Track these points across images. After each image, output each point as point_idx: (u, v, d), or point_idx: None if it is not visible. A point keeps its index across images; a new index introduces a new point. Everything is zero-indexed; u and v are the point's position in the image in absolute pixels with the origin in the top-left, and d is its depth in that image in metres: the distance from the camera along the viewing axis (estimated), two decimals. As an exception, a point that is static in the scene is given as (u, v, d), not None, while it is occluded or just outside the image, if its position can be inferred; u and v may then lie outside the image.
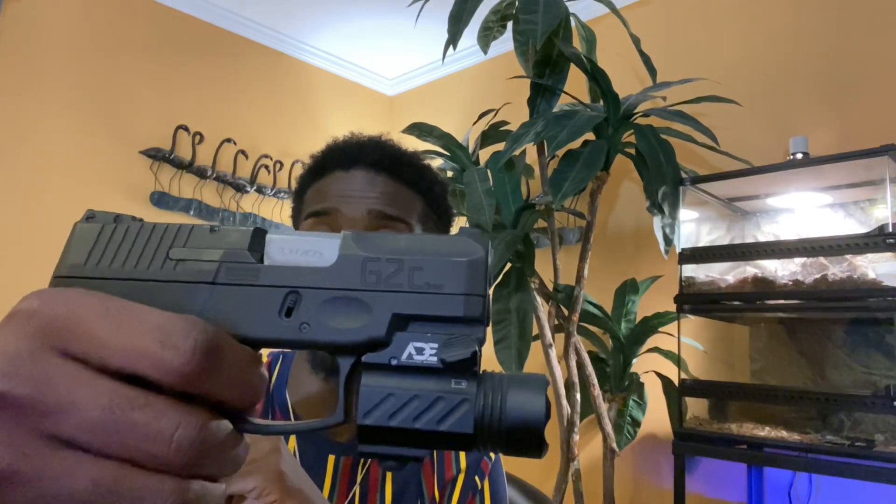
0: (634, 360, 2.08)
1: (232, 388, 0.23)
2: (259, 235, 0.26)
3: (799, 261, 1.71)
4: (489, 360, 2.03)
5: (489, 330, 1.94)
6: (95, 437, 0.21)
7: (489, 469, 0.81)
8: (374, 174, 0.74)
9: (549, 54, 1.87)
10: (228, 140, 2.76)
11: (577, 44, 2.07)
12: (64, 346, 0.21)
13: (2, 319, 0.22)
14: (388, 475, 0.74)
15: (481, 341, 0.24)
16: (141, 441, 0.21)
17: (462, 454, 0.79)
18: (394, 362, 0.24)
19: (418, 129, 2.18)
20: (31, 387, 0.20)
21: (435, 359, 0.24)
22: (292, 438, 0.71)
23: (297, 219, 0.78)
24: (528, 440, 0.24)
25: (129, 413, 0.21)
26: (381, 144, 0.78)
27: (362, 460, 0.73)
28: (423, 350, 0.24)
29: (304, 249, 0.26)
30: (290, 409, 0.75)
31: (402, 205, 0.73)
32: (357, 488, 0.72)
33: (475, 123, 2.25)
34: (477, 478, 0.79)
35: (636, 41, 1.92)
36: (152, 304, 0.23)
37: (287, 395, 0.76)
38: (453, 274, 0.25)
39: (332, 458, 0.71)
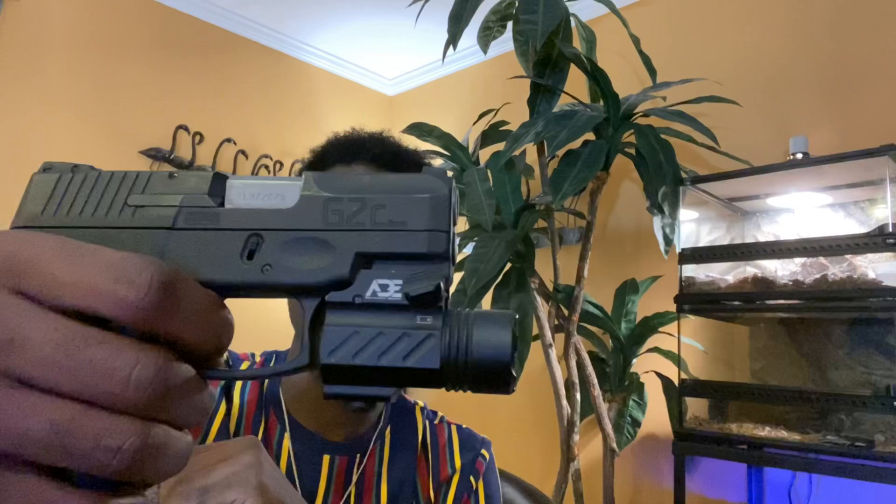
0: (634, 360, 2.08)
1: (193, 328, 0.22)
2: (219, 180, 0.26)
3: (799, 261, 1.71)
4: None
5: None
6: (50, 374, 0.20)
7: (483, 469, 0.81)
8: (375, 169, 0.74)
9: (549, 54, 1.87)
10: (228, 140, 2.76)
11: (577, 44, 2.07)
12: (17, 285, 0.21)
13: None
14: (384, 475, 0.74)
15: (447, 277, 0.24)
16: (97, 379, 0.20)
17: (457, 453, 0.79)
18: (358, 300, 0.24)
19: (418, 129, 2.18)
20: None
21: (399, 295, 0.24)
22: (286, 439, 0.70)
23: None
24: (495, 376, 0.24)
25: (84, 350, 0.20)
26: (383, 140, 0.78)
27: (358, 460, 0.73)
28: (387, 287, 0.24)
29: (265, 193, 0.25)
30: (284, 407, 0.75)
31: None
32: (353, 488, 0.72)
33: (475, 123, 2.25)
34: (472, 478, 0.79)
35: (636, 41, 1.92)
36: None
37: (280, 393, 0.76)
38: (416, 210, 0.24)
39: (326, 458, 0.71)
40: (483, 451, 0.82)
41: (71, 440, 0.20)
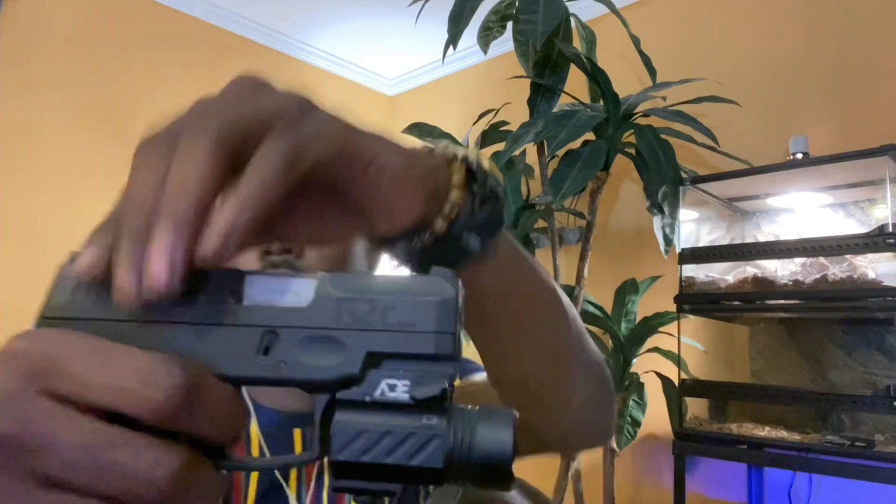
0: (634, 361, 2.08)
1: (212, 425, 0.24)
2: (236, 275, 0.27)
3: (799, 261, 1.71)
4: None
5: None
6: (79, 475, 0.21)
7: None
8: None
9: (549, 54, 1.88)
10: (228, 140, 2.76)
11: (577, 44, 2.07)
12: (48, 386, 0.22)
13: None
14: None
15: (451, 378, 0.25)
16: (121, 480, 0.22)
17: None
18: (367, 399, 0.25)
19: (418, 129, 2.18)
20: (17, 426, 0.21)
21: (407, 395, 0.25)
22: (253, 425, 0.71)
23: None
24: (496, 475, 0.25)
25: (109, 452, 0.22)
26: None
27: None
28: (395, 387, 0.25)
29: (281, 289, 0.27)
30: (247, 397, 0.73)
31: None
32: None
33: (475, 123, 2.25)
34: None
35: (636, 41, 1.92)
36: (134, 345, 0.24)
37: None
38: (424, 313, 0.26)
39: (297, 431, 0.72)
40: None
41: None
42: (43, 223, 2.31)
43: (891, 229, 1.50)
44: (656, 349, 2.03)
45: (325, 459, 0.25)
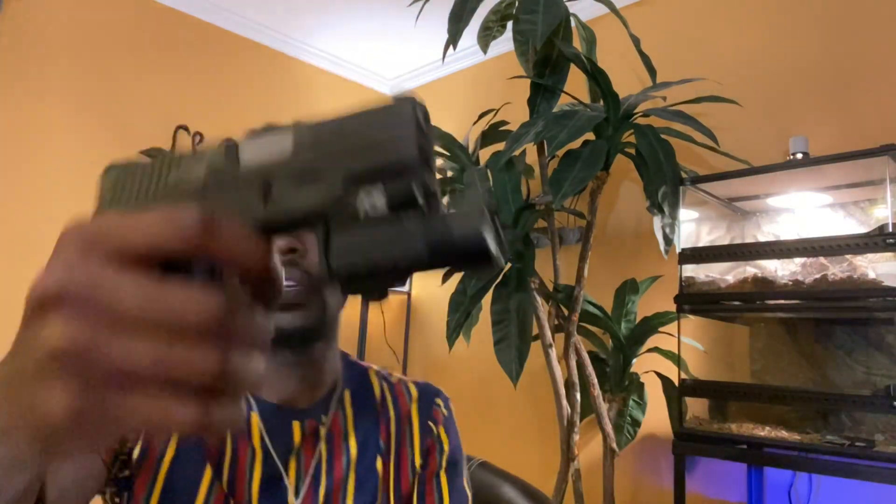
0: (634, 360, 2.08)
1: (239, 247, 0.27)
2: (231, 146, 0.32)
3: (799, 261, 1.71)
4: (491, 361, 2.04)
5: (490, 330, 1.94)
6: (144, 315, 0.25)
7: (442, 418, 0.85)
8: None
9: (549, 54, 1.87)
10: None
11: (577, 44, 2.07)
12: (102, 251, 0.26)
13: (54, 246, 0.28)
14: (350, 431, 0.77)
15: (423, 184, 0.28)
16: (179, 319, 0.25)
17: (415, 405, 0.84)
18: (354, 218, 0.29)
19: (418, 129, 2.18)
20: (86, 287, 0.25)
21: (384, 206, 0.28)
22: (254, 417, 0.73)
23: None
24: (475, 254, 0.28)
25: (167, 294, 0.25)
26: None
27: (323, 419, 0.76)
28: (374, 202, 0.28)
29: (269, 149, 0.31)
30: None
31: None
32: (323, 445, 0.74)
33: (475, 123, 2.25)
34: (430, 423, 0.83)
35: (636, 41, 1.92)
36: None
37: None
38: (384, 126, 0.29)
39: (296, 424, 0.74)
40: (438, 400, 0.86)
41: (166, 371, 0.25)
42: (42, 222, 2.31)
43: (891, 229, 1.50)
44: (656, 349, 2.03)
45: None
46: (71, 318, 0.25)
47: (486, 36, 1.95)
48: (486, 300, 1.95)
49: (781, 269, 1.76)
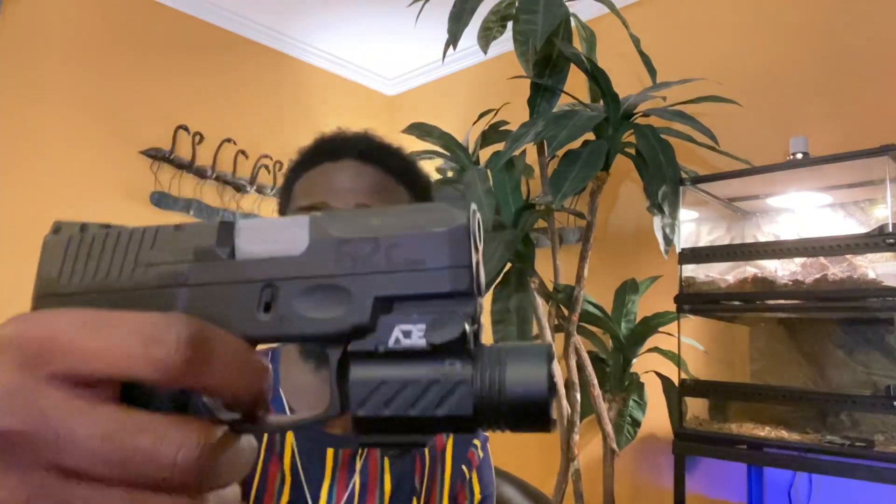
0: (634, 360, 2.08)
1: (229, 377, 0.22)
2: (227, 228, 0.25)
3: (799, 261, 1.70)
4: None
5: (489, 330, 1.94)
6: (101, 467, 0.20)
7: (477, 462, 0.82)
8: (362, 164, 0.77)
9: (549, 54, 1.87)
10: (228, 140, 2.76)
11: (578, 44, 2.07)
12: (50, 369, 0.21)
13: None
14: (387, 468, 0.75)
15: (472, 316, 0.23)
16: (145, 467, 0.20)
17: (449, 446, 0.80)
18: (381, 349, 0.23)
19: (418, 129, 2.18)
20: (31, 422, 0.20)
21: (423, 342, 0.22)
22: (289, 435, 0.71)
23: (284, 214, 0.80)
24: (532, 416, 0.22)
25: (128, 440, 0.20)
26: (369, 136, 0.81)
27: (360, 450, 0.74)
28: (410, 333, 0.23)
29: (274, 238, 0.24)
30: (286, 404, 0.75)
31: (390, 198, 0.76)
32: (357, 478, 0.72)
33: (475, 123, 2.25)
34: (464, 467, 0.81)
35: (636, 41, 1.91)
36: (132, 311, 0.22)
37: (281, 391, 0.76)
38: (433, 247, 0.23)
39: (330, 451, 0.72)
40: (476, 441, 0.84)
41: None
42: (41, 222, 2.30)
43: (891, 229, 1.50)
44: (656, 349, 2.03)
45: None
46: (8, 466, 0.20)
47: (486, 36, 1.95)
48: (486, 300, 1.95)
49: (781, 269, 1.76)
